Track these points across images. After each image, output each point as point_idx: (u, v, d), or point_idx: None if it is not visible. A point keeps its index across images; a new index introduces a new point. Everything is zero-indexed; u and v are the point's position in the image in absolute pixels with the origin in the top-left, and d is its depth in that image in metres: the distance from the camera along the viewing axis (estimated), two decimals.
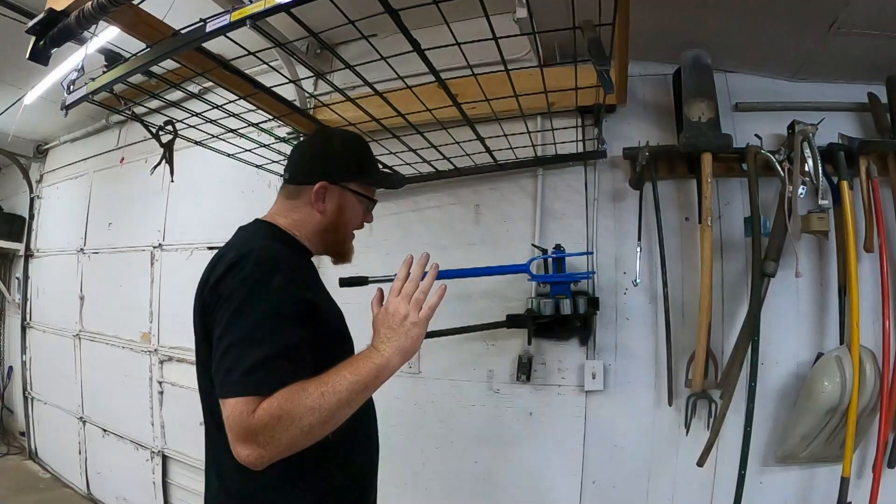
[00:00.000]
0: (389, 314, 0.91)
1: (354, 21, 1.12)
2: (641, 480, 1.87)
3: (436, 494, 2.10)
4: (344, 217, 1.10)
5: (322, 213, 1.08)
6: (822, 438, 1.60)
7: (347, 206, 1.10)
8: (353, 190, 1.09)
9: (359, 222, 1.14)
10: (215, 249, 1.00)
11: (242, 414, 0.78)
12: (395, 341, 0.89)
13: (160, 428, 2.91)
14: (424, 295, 0.94)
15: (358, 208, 1.12)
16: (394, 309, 0.92)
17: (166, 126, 1.76)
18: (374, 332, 0.92)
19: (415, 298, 0.93)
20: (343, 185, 1.08)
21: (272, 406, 0.78)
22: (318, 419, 0.80)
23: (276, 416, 0.78)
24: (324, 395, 0.81)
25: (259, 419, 0.77)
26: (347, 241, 1.14)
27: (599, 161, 2.00)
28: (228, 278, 0.90)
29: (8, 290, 4.38)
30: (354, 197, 1.10)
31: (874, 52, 1.68)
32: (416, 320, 0.91)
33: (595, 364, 1.91)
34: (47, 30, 1.30)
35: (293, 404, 0.79)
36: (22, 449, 4.13)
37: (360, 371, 0.85)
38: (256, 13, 1.06)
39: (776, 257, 1.63)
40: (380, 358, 0.87)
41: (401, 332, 0.90)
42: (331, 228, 1.09)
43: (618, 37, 1.26)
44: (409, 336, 0.90)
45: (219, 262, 0.96)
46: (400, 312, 0.91)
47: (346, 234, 1.13)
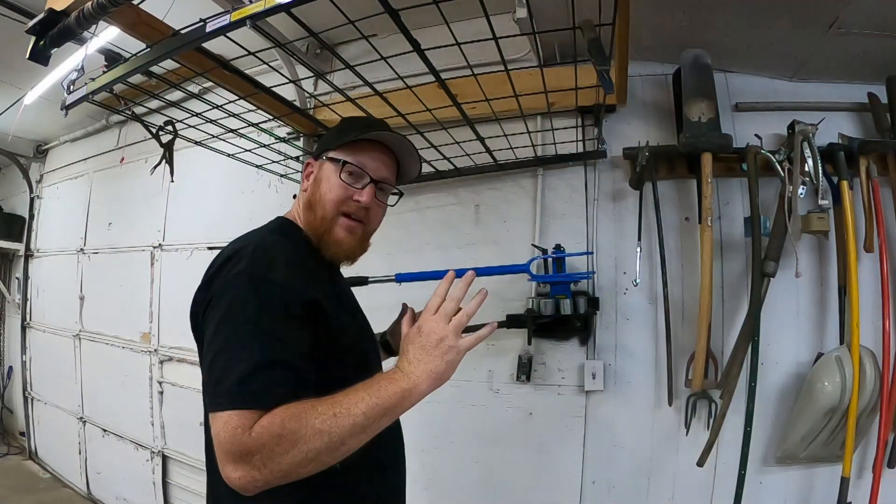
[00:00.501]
0: (423, 334, 0.79)
1: (354, 21, 1.12)
2: (641, 480, 1.87)
3: (436, 494, 2.10)
4: (319, 189, 0.97)
5: (305, 190, 1.01)
6: (822, 438, 1.60)
7: (323, 177, 0.97)
8: (330, 158, 0.97)
9: (337, 194, 0.95)
10: (215, 249, 0.94)
11: (237, 430, 0.68)
12: (426, 364, 0.77)
13: (160, 428, 2.91)
14: (467, 318, 0.81)
15: (332, 176, 0.96)
16: (429, 329, 0.80)
17: (166, 126, 1.76)
18: (402, 352, 0.80)
19: (456, 320, 0.80)
20: (323, 157, 0.99)
21: (274, 423, 0.69)
22: (327, 445, 0.69)
23: (277, 436, 0.68)
24: (336, 418, 0.70)
25: (257, 437, 0.68)
26: (328, 222, 0.96)
27: (599, 161, 2.00)
28: (222, 274, 0.82)
29: (8, 290, 4.38)
30: (329, 164, 0.97)
31: (874, 52, 1.68)
32: (454, 345, 0.79)
33: (595, 364, 1.91)
34: (47, 30, 1.30)
35: (299, 424, 0.69)
36: (22, 449, 4.13)
37: (381, 394, 0.73)
38: (256, 13, 1.06)
39: (776, 257, 1.63)
40: (406, 382, 0.76)
41: (436, 354, 0.78)
42: (307, 206, 0.98)
43: (618, 37, 1.26)
44: (444, 360, 0.78)
45: (219, 256, 0.88)
46: (436, 333, 0.79)
47: (324, 211, 0.96)
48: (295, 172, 2.27)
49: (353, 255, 1.01)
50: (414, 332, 0.81)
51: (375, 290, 1.84)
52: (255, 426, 0.69)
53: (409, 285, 1.92)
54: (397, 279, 1.92)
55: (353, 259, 1.02)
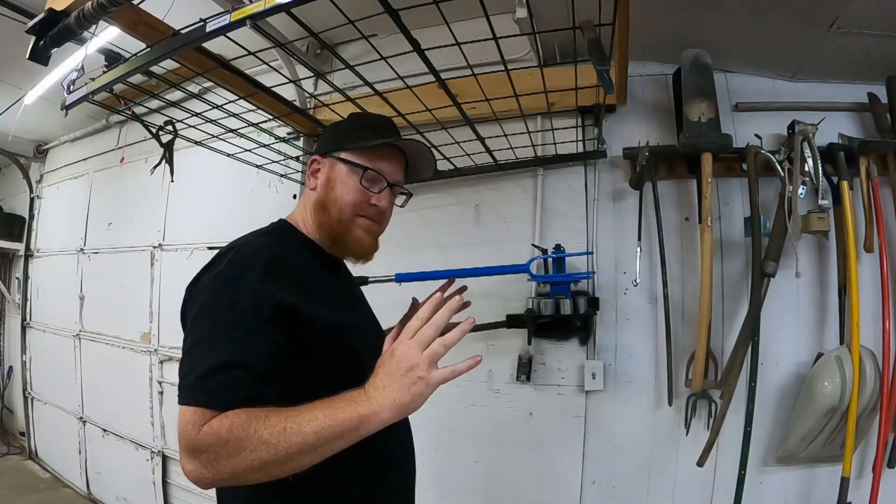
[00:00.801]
0: (395, 358, 0.73)
1: (354, 21, 1.12)
2: (641, 480, 1.87)
3: (436, 494, 2.10)
4: (334, 192, 0.95)
5: (314, 189, 0.98)
6: (822, 438, 1.60)
7: (337, 178, 0.96)
8: (342, 159, 0.96)
9: (355, 198, 0.95)
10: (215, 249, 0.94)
11: (188, 426, 0.70)
12: (391, 392, 0.71)
13: (160, 428, 2.91)
14: (444, 350, 0.74)
15: (349, 180, 0.95)
16: (401, 354, 0.73)
17: (166, 126, 1.76)
18: (373, 373, 0.75)
19: (431, 349, 0.73)
20: (333, 155, 0.97)
21: (222, 427, 0.68)
22: (272, 458, 0.68)
23: (223, 440, 0.68)
24: (285, 432, 0.68)
25: (203, 437, 0.69)
26: (345, 223, 0.95)
27: (599, 161, 2.00)
28: (205, 275, 0.84)
29: (8, 290, 4.38)
30: (345, 167, 0.95)
31: (874, 52, 1.68)
32: (424, 375, 0.72)
33: (595, 364, 1.91)
34: (47, 30, 1.31)
35: (246, 432, 0.68)
36: (22, 449, 4.13)
37: (336, 416, 0.69)
38: (256, 13, 1.06)
39: (776, 257, 1.63)
40: (366, 408, 0.70)
41: (403, 382, 0.72)
42: (319, 206, 0.97)
43: (618, 37, 1.26)
44: (410, 391, 0.72)
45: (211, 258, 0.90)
46: (408, 360, 0.73)
47: (340, 213, 0.95)
48: (295, 172, 2.27)
49: (371, 253, 1.00)
50: (387, 355, 0.75)
51: (375, 289, 1.84)
52: (205, 426, 0.69)
53: (408, 285, 1.92)
54: (397, 279, 1.92)
55: (369, 258, 1.01)
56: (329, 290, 0.97)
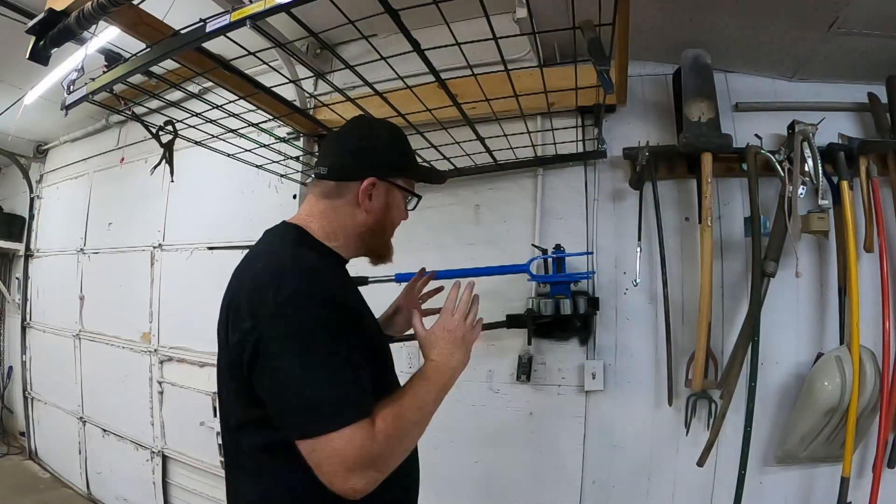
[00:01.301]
0: (449, 331, 0.97)
1: (354, 21, 1.12)
2: (641, 480, 1.87)
3: (436, 494, 2.10)
4: (390, 216, 1.03)
5: (369, 212, 0.98)
6: (822, 438, 1.60)
7: (394, 204, 1.03)
8: (399, 185, 1.02)
9: (402, 218, 1.07)
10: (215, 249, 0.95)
11: (365, 442, 0.76)
12: (459, 354, 0.96)
13: (160, 428, 2.91)
14: (475, 316, 1.01)
15: (402, 205, 1.05)
16: (453, 327, 0.97)
17: (166, 126, 1.76)
18: (431, 346, 0.96)
19: (469, 319, 1.00)
20: (391, 180, 1.00)
21: (388, 427, 0.79)
22: (418, 434, 0.87)
23: (394, 437, 0.80)
24: (421, 410, 0.86)
25: (382, 442, 0.78)
26: (390, 241, 1.08)
27: (599, 161, 2.00)
28: (269, 299, 0.80)
29: (8, 290, 4.38)
30: (400, 193, 1.03)
31: (874, 52, 1.68)
32: (471, 338, 0.99)
33: (595, 364, 1.91)
34: (47, 30, 1.30)
35: (402, 422, 0.82)
36: (22, 449, 4.13)
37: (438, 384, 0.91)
38: (256, 13, 1.06)
39: (776, 257, 1.63)
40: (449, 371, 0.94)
41: (462, 346, 0.97)
42: (377, 229, 1.02)
43: (618, 37, 1.26)
44: (466, 350, 0.98)
45: (245, 275, 0.90)
46: (460, 330, 0.97)
47: (390, 233, 1.07)
48: (295, 172, 2.27)
49: None
50: (440, 331, 0.97)
51: (375, 289, 1.84)
52: (377, 434, 0.78)
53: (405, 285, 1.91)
54: (397, 279, 1.92)
55: None
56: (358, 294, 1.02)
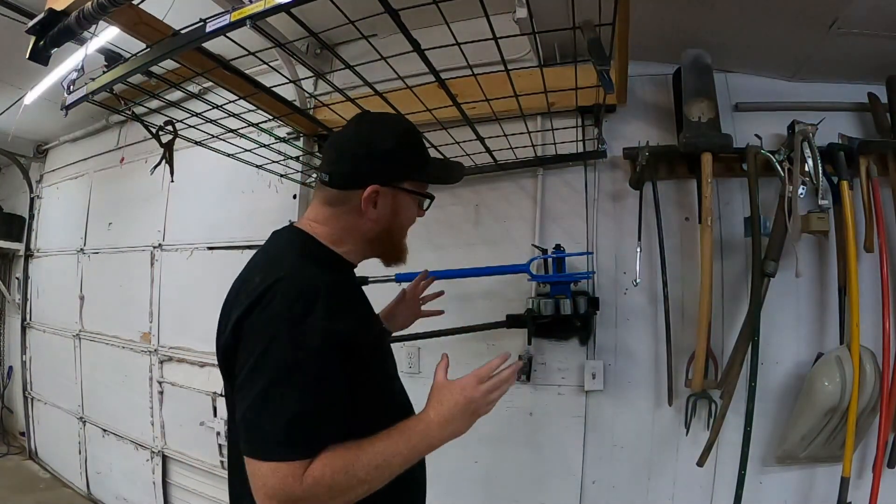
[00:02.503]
0: (467, 399, 0.86)
1: (354, 21, 1.12)
2: (641, 480, 1.87)
3: (435, 494, 2.09)
4: (398, 220, 0.97)
5: (374, 220, 0.94)
6: (822, 438, 1.60)
7: (402, 208, 0.96)
8: (406, 189, 0.96)
9: (413, 221, 1.01)
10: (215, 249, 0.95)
11: (287, 479, 0.73)
12: (458, 424, 0.86)
13: (160, 428, 2.91)
14: (500, 397, 0.91)
15: (413, 207, 0.99)
16: (473, 397, 0.87)
17: (166, 126, 1.76)
18: (437, 401, 0.87)
19: (492, 398, 0.89)
20: (396, 185, 0.94)
21: (324, 475, 0.74)
22: (366, 491, 0.79)
23: (327, 487, 0.74)
24: (378, 469, 0.78)
25: (308, 488, 0.73)
26: (402, 243, 1.02)
27: (599, 161, 2.00)
28: (255, 314, 0.80)
29: (8, 290, 4.38)
30: (409, 196, 0.97)
31: (874, 52, 1.68)
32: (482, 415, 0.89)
33: (595, 364, 1.91)
34: (47, 30, 1.30)
35: (346, 476, 0.76)
36: (22, 449, 4.13)
37: (416, 448, 0.83)
38: (256, 13, 1.06)
39: (776, 257, 1.63)
40: (438, 440, 0.85)
41: (466, 420, 0.87)
42: (384, 236, 0.97)
43: (618, 37, 1.26)
44: (469, 423, 0.88)
45: (244, 288, 0.87)
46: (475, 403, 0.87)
47: (401, 236, 1.01)
48: (295, 172, 2.27)
49: None
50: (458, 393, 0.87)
51: (375, 289, 1.84)
52: (306, 477, 0.74)
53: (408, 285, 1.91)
54: (397, 279, 1.92)
55: None
56: (362, 307, 0.99)
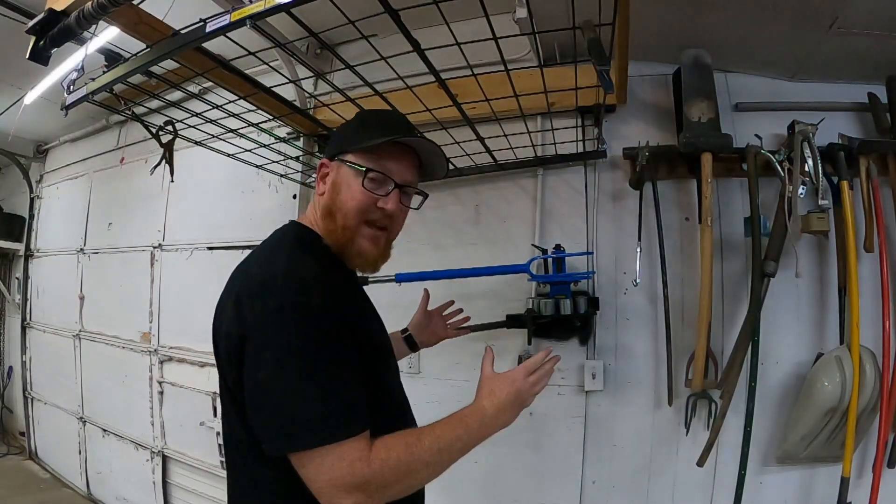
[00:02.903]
0: (517, 391, 0.91)
1: (354, 21, 1.12)
2: (641, 480, 1.87)
3: (435, 495, 2.09)
4: (339, 196, 0.92)
5: (321, 194, 0.95)
6: (822, 438, 1.60)
7: (342, 183, 0.92)
8: (348, 162, 0.92)
9: (360, 203, 0.91)
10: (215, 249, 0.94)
11: (354, 461, 0.73)
12: (507, 416, 0.91)
13: (160, 428, 2.91)
14: (542, 388, 0.96)
15: (354, 183, 0.91)
16: (522, 389, 0.92)
17: (166, 126, 1.76)
18: (489, 391, 0.91)
19: (537, 390, 0.95)
20: (339, 158, 0.93)
21: (391, 456, 0.75)
22: (429, 476, 0.81)
23: (394, 468, 0.75)
24: (440, 454, 0.80)
25: (377, 469, 0.74)
26: (350, 231, 0.92)
27: (599, 161, 2.00)
28: (256, 308, 0.79)
29: (8, 290, 4.38)
30: (350, 170, 0.92)
31: (874, 52, 1.68)
32: (528, 406, 0.94)
33: (595, 364, 1.91)
34: (47, 30, 1.30)
35: (411, 458, 0.77)
36: (22, 449, 4.13)
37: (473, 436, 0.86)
38: (256, 13, 1.06)
39: (776, 257, 1.63)
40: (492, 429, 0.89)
41: (515, 411, 0.92)
42: (327, 212, 0.93)
43: (618, 37, 1.26)
44: (515, 416, 0.92)
45: (243, 280, 0.87)
46: (523, 395, 0.92)
47: (345, 220, 0.92)
48: (295, 172, 2.27)
49: (376, 265, 0.99)
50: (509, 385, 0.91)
51: (375, 289, 1.84)
52: (373, 458, 0.74)
53: (408, 285, 1.91)
54: (397, 279, 1.92)
55: (375, 268, 1.00)
56: (358, 300, 0.99)
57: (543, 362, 0.96)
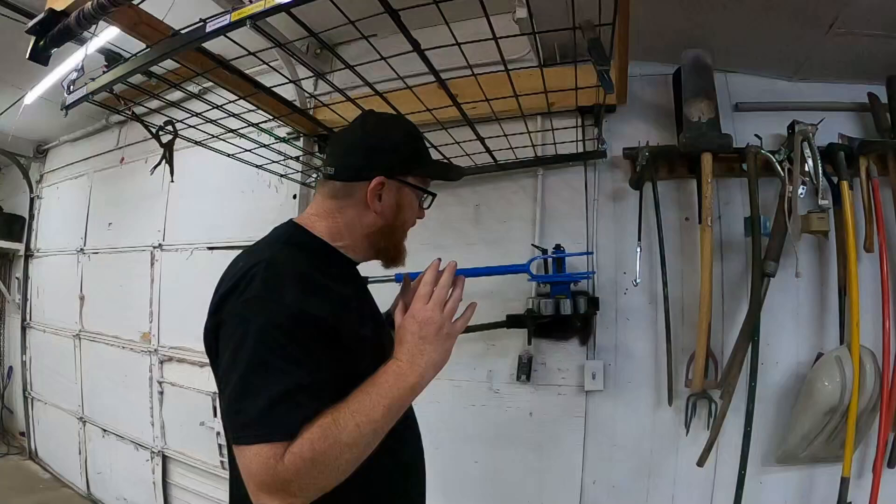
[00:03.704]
0: (420, 323, 0.81)
1: (354, 21, 1.12)
2: (641, 480, 1.87)
3: (435, 495, 2.09)
4: (402, 216, 0.95)
5: (378, 213, 0.92)
6: (822, 438, 1.60)
7: (406, 204, 0.95)
8: (411, 184, 0.95)
9: (414, 220, 0.99)
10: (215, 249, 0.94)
11: (269, 461, 0.69)
12: (429, 355, 0.81)
13: (160, 428, 2.91)
14: (456, 304, 0.85)
15: (415, 204, 0.97)
16: (426, 317, 0.82)
17: (166, 126, 1.76)
18: (400, 342, 0.82)
19: (449, 307, 0.84)
20: (401, 179, 0.94)
21: (304, 449, 0.69)
22: (355, 455, 0.73)
23: (309, 460, 0.69)
24: (360, 428, 0.73)
25: (290, 465, 0.69)
26: (402, 243, 0.99)
27: (599, 161, 2.00)
28: (233, 297, 0.79)
29: (8, 290, 4.38)
30: (412, 192, 0.96)
31: (874, 52, 1.68)
32: (450, 331, 0.83)
33: (595, 364, 1.91)
34: (47, 30, 1.30)
35: (327, 444, 0.70)
36: (22, 449, 4.13)
37: (394, 393, 0.77)
38: (256, 13, 1.06)
39: (776, 257, 1.63)
40: (414, 376, 0.79)
41: (436, 344, 0.81)
42: (387, 230, 0.95)
43: (618, 37, 1.26)
44: (444, 348, 0.82)
45: (229, 272, 0.87)
46: (434, 322, 0.82)
47: (402, 235, 0.98)
48: (295, 172, 2.27)
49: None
50: (410, 322, 0.83)
51: (375, 289, 1.84)
52: (287, 454, 0.69)
53: None
54: (397, 279, 1.91)
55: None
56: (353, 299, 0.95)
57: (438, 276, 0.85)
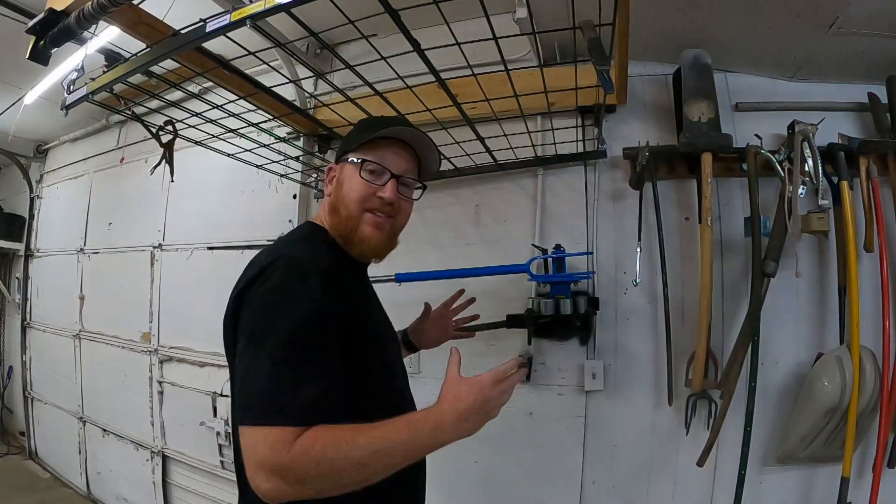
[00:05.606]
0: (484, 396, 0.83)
1: (354, 21, 1.12)
2: (641, 480, 1.87)
3: (435, 495, 2.09)
4: (342, 190, 0.99)
5: (328, 193, 1.03)
6: (822, 438, 1.60)
7: (345, 178, 1.00)
8: (348, 159, 1.00)
9: (360, 193, 0.97)
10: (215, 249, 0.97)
11: (276, 444, 0.71)
12: (470, 424, 0.82)
13: (160, 428, 2.91)
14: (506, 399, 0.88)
15: (354, 176, 0.98)
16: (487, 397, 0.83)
17: (166, 126, 1.76)
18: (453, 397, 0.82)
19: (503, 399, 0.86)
20: (342, 159, 1.02)
21: (314, 447, 0.72)
22: (361, 477, 0.74)
23: (315, 461, 0.71)
24: (375, 455, 0.74)
25: (295, 457, 0.71)
26: (353, 220, 0.97)
27: (599, 161, 2.00)
28: (255, 287, 0.83)
29: (8, 290, 4.38)
30: (350, 165, 0.99)
31: (874, 52, 1.68)
32: (494, 416, 0.86)
33: (595, 364, 1.91)
34: (47, 30, 1.31)
35: (338, 454, 0.72)
36: (22, 449, 4.13)
37: (420, 443, 0.79)
38: (256, 13, 1.06)
39: (776, 257, 1.63)
40: (448, 437, 0.81)
41: (480, 420, 0.84)
42: (332, 208, 1.00)
43: (618, 37, 1.26)
44: (479, 426, 0.84)
45: (249, 267, 0.91)
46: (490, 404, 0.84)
47: (348, 210, 0.97)
48: (295, 172, 2.27)
49: (380, 251, 1.02)
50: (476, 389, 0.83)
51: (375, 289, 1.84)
52: (296, 445, 0.71)
53: (408, 285, 1.92)
54: (397, 279, 1.92)
55: (381, 256, 1.04)
56: (362, 298, 1.01)
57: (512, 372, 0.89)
